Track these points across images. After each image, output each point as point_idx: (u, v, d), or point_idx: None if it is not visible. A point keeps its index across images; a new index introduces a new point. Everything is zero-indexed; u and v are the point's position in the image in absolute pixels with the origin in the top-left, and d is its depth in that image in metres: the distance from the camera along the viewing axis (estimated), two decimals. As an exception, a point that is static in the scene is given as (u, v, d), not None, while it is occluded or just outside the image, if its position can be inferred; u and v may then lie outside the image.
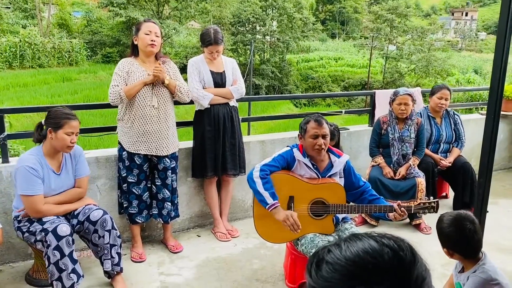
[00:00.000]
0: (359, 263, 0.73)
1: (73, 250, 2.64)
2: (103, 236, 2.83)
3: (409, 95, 3.85)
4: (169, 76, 3.28)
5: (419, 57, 31.34)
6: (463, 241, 2.02)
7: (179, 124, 3.94)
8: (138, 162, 3.23)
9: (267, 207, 2.66)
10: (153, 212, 3.40)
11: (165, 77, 3.19)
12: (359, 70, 35.34)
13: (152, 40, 3.16)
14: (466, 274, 2.06)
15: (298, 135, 2.85)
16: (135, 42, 3.23)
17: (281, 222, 2.65)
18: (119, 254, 2.91)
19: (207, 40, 3.47)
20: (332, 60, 37.94)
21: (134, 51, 3.27)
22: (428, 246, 3.57)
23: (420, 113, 4.34)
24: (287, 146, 2.90)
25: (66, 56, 28.07)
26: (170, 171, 3.33)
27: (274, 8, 33.04)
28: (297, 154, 2.81)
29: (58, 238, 2.57)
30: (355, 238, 0.79)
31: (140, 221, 3.35)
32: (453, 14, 77.84)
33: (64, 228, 2.60)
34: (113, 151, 3.43)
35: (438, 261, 3.34)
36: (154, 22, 3.27)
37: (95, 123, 14.39)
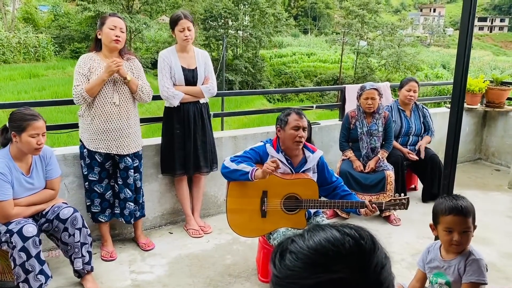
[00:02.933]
0: (321, 252, 0.75)
1: (40, 250, 2.57)
2: (73, 235, 2.76)
3: (376, 89, 3.92)
4: (132, 74, 3.19)
5: (390, 53, 31.96)
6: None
7: (149, 120, 3.89)
8: (99, 160, 3.15)
9: (250, 176, 2.63)
10: (115, 211, 3.31)
11: (127, 73, 3.09)
12: (331, 65, 35.70)
13: (116, 36, 3.06)
14: (458, 259, 2.09)
15: (277, 127, 2.85)
16: (99, 36, 3.12)
17: (265, 175, 2.59)
18: (89, 253, 2.86)
19: (176, 15, 3.41)
20: (305, 55, 38.17)
21: (97, 45, 3.16)
22: (398, 237, 3.66)
23: (391, 106, 4.43)
24: (261, 142, 2.90)
25: (32, 52, 27.17)
26: (132, 170, 3.23)
27: (246, 3, 32.94)
28: (270, 150, 2.81)
29: (24, 239, 2.50)
30: (318, 228, 0.81)
31: (103, 220, 3.27)
32: (421, 10, 79.49)
33: (30, 229, 2.53)
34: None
35: (408, 251, 3.42)
36: (120, 17, 3.18)
37: (64, 120, 14.03)
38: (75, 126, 3.66)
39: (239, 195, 2.80)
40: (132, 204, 3.30)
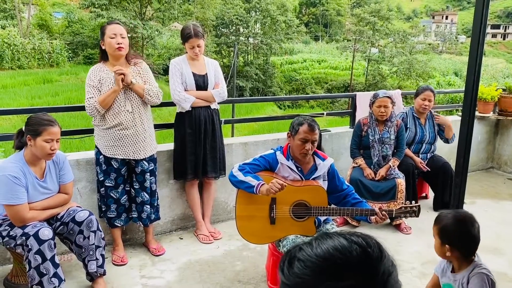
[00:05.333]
0: (329, 259, 0.76)
1: (55, 254, 2.61)
2: (88, 237, 2.80)
3: (389, 97, 3.91)
4: (140, 78, 3.24)
5: (401, 60, 31.88)
6: (469, 240, 2.04)
7: (160, 126, 3.94)
8: (115, 166, 3.20)
9: (254, 190, 2.63)
10: (133, 215, 3.37)
11: (130, 80, 3.10)
12: (342, 72, 35.68)
13: (118, 43, 3.10)
14: (462, 274, 2.06)
15: (288, 133, 2.84)
16: (103, 47, 3.17)
17: (268, 193, 2.58)
18: (102, 256, 2.90)
19: (187, 33, 3.46)
20: (316, 62, 38.21)
21: (104, 56, 3.21)
22: (408, 246, 3.63)
23: (406, 112, 4.42)
24: (271, 149, 2.91)
25: (46, 57, 27.60)
26: (148, 174, 3.30)
27: (257, 10, 33.13)
28: (280, 157, 2.82)
29: (40, 242, 2.54)
30: (326, 236, 0.82)
31: (120, 225, 3.32)
32: (433, 18, 79.14)
33: (46, 232, 2.58)
34: (94, 153, 3.40)
35: (419, 260, 3.40)
36: (118, 23, 3.21)
37: (76, 125, 14.21)
38: (87, 131, 3.72)
39: (248, 202, 2.81)
40: (149, 207, 3.35)
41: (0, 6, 34.16)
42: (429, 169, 4.28)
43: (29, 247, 2.53)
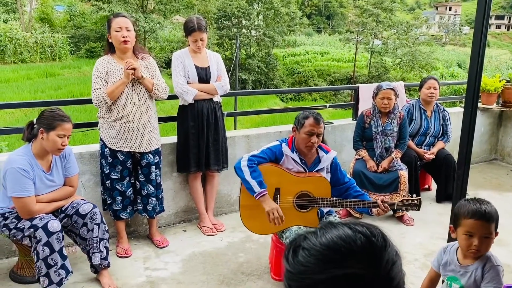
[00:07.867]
0: (333, 248, 0.77)
1: (63, 246, 2.65)
2: (92, 230, 2.83)
3: (392, 89, 3.91)
4: (148, 72, 3.25)
5: (404, 52, 31.69)
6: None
7: (163, 119, 3.95)
8: (121, 159, 3.22)
9: (254, 195, 2.71)
10: (138, 207, 3.40)
11: (141, 75, 3.12)
12: (345, 64, 35.50)
13: (124, 37, 3.10)
14: (475, 265, 2.03)
15: (293, 127, 2.88)
16: (110, 40, 3.18)
17: (265, 213, 2.72)
18: (107, 248, 2.92)
19: (190, 27, 3.45)
20: (318, 54, 38.00)
21: (110, 48, 3.22)
22: (411, 238, 3.65)
23: (412, 104, 4.42)
24: (277, 141, 2.94)
25: (48, 51, 27.60)
26: (153, 166, 3.32)
27: (260, 2, 32.95)
28: (285, 149, 2.85)
29: (49, 234, 2.57)
30: (330, 225, 0.83)
31: (125, 217, 3.34)
32: (437, 9, 78.54)
33: (55, 224, 2.61)
34: (97, 146, 3.40)
35: (421, 251, 3.41)
36: (124, 16, 3.21)
37: (79, 119, 14.16)
38: (90, 125, 3.74)
39: None
40: (154, 199, 3.38)
41: (2, 0, 34.12)
42: (433, 155, 4.28)
43: (38, 238, 2.56)
